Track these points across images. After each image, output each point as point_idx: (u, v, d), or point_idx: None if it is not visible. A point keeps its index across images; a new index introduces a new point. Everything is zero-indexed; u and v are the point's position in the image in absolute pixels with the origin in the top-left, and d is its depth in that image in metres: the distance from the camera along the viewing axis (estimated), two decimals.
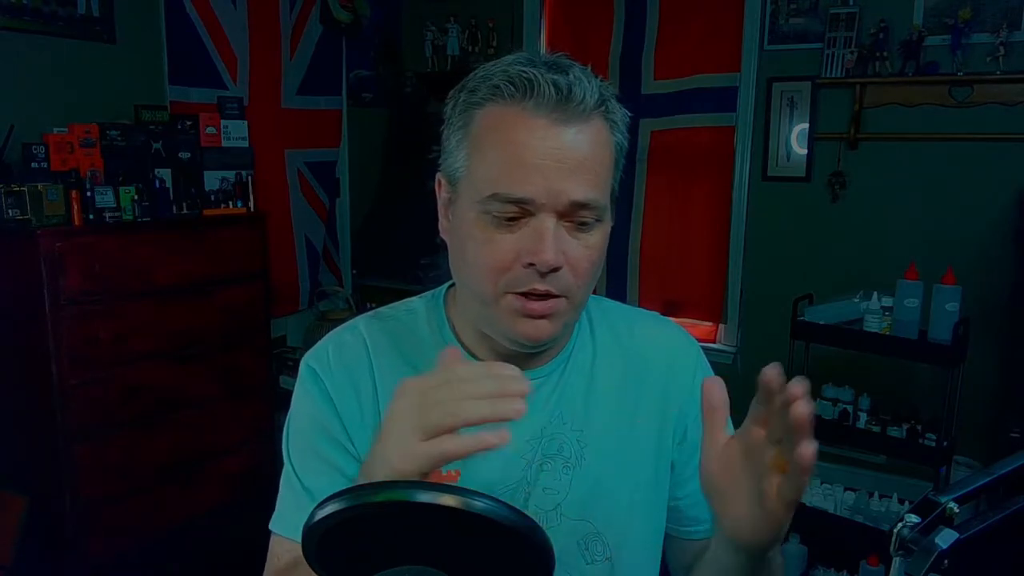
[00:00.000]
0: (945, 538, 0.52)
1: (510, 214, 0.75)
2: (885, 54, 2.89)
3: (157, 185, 2.70)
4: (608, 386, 0.91)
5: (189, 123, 2.88)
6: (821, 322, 2.48)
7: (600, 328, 0.94)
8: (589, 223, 0.77)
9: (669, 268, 3.54)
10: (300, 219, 3.81)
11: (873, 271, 2.84)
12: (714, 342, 3.48)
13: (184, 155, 2.84)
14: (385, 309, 0.94)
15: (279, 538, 0.85)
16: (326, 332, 0.93)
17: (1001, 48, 2.69)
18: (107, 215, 2.51)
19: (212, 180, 2.93)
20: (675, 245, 3.52)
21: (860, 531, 2.47)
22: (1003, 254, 2.76)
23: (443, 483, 0.58)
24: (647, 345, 0.94)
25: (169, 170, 2.79)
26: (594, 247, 0.79)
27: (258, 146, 3.18)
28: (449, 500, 0.48)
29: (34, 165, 2.40)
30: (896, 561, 0.54)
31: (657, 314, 1.01)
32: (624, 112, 0.81)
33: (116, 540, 2.57)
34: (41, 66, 2.68)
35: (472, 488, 0.81)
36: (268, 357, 3.14)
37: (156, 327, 2.63)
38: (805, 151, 3.15)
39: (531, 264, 0.75)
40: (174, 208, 2.74)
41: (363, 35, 3.98)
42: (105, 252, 2.48)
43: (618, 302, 1.00)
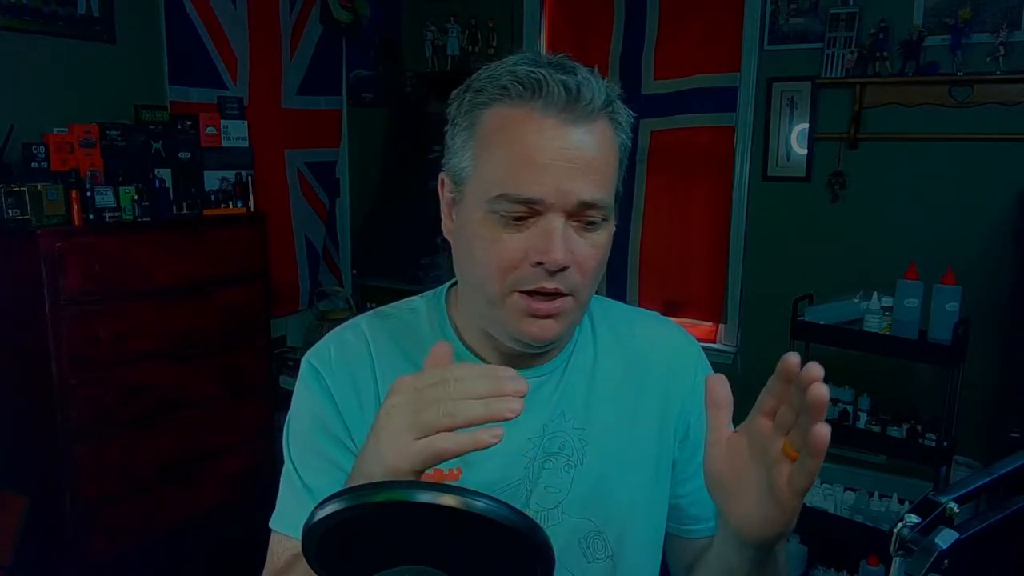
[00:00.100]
0: (945, 538, 0.52)
1: (518, 214, 0.75)
2: (885, 54, 2.89)
3: (157, 185, 2.70)
4: (609, 385, 0.91)
5: (189, 123, 2.88)
6: (821, 322, 2.48)
7: (601, 327, 0.94)
8: (596, 223, 0.78)
9: (669, 268, 3.54)
10: (300, 219, 3.81)
11: (873, 271, 2.84)
12: (714, 342, 3.48)
13: (184, 155, 2.84)
14: (387, 308, 0.94)
15: (279, 536, 0.85)
16: (326, 332, 0.93)
17: (1001, 48, 2.69)
18: (107, 215, 2.51)
19: (212, 180, 2.93)
20: (675, 245, 3.52)
21: (860, 531, 2.47)
22: (1003, 254, 2.76)
23: (443, 483, 0.58)
24: (648, 345, 0.95)
25: (169, 170, 2.79)
26: (600, 246, 0.79)
27: (258, 146, 3.18)
28: (449, 500, 0.48)
29: (34, 165, 2.40)
30: (896, 561, 0.54)
31: (658, 314, 1.02)
32: (629, 113, 0.81)
33: (116, 540, 2.57)
34: (41, 66, 2.68)
35: (474, 485, 0.81)
36: (268, 357, 3.14)
37: (156, 327, 2.63)
38: (805, 151, 3.15)
39: (539, 263, 0.75)
40: (174, 208, 2.74)
41: (363, 35, 3.98)
42: (105, 252, 2.48)
43: (619, 302, 1.01)
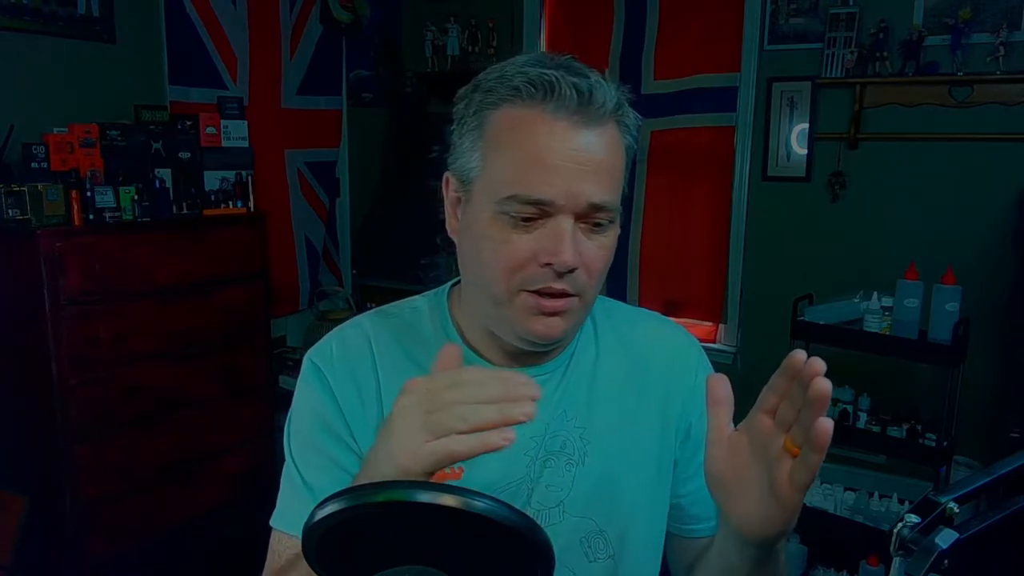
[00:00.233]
0: (945, 538, 0.52)
1: (528, 215, 0.76)
2: (885, 54, 2.89)
3: (157, 185, 2.70)
4: (611, 385, 0.91)
5: (189, 123, 2.88)
6: (821, 322, 2.48)
7: (603, 327, 0.94)
8: (603, 224, 0.78)
9: (669, 268, 3.54)
10: (300, 219, 3.81)
11: (873, 271, 2.84)
12: (714, 342, 3.48)
13: (184, 155, 2.84)
14: (389, 307, 0.94)
15: (280, 534, 0.85)
16: (326, 332, 0.92)
17: (1001, 48, 2.69)
18: (107, 215, 2.51)
19: (212, 180, 2.93)
20: (675, 245, 3.52)
21: (860, 531, 2.47)
22: (1003, 254, 2.76)
23: (443, 483, 0.58)
24: (649, 345, 0.95)
25: (169, 170, 2.79)
26: (607, 248, 0.80)
27: (258, 146, 3.18)
28: (449, 500, 0.48)
29: (34, 165, 2.40)
30: (896, 561, 0.54)
31: (659, 314, 1.02)
32: (636, 116, 0.82)
33: (116, 540, 2.57)
34: (41, 66, 2.68)
35: (476, 484, 0.81)
36: (268, 357, 3.14)
37: (156, 327, 2.63)
38: (805, 151, 3.15)
39: (548, 264, 0.76)
40: (174, 208, 2.74)
41: (363, 35, 3.98)
42: (105, 252, 2.48)
43: (620, 302, 1.01)
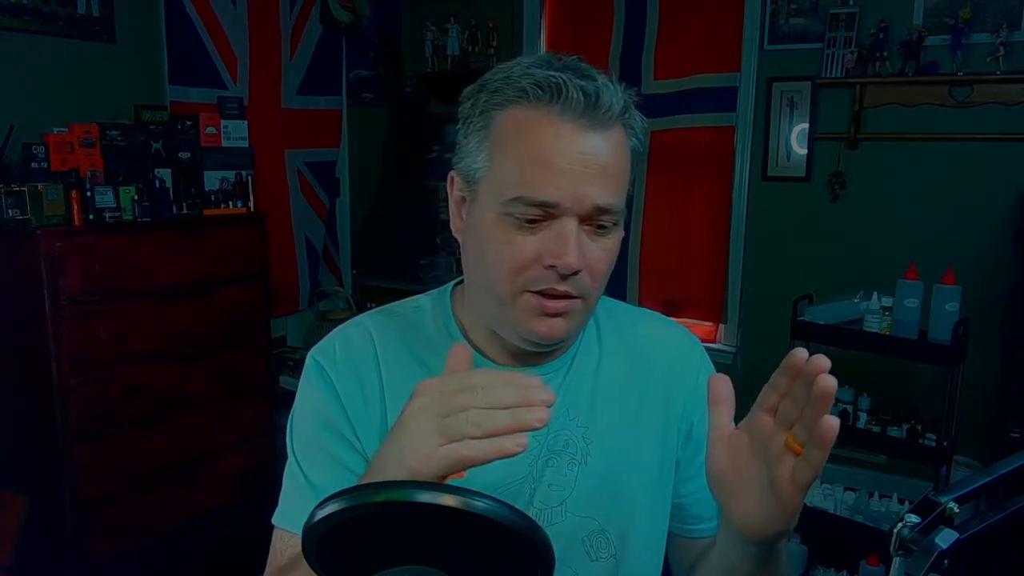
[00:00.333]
0: (945, 538, 0.52)
1: (533, 216, 0.76)
2: (885, 54, 2.89)
3: (157, 185, 2.70)
4: (613, 384, 0.91)
5: (189, 123, 2.88)
6: (821, 322, 2.48)
7: (606, 327, 0.95)
8: (608, 227, 0.79)
9: (669, 268, 3.54)
10: (300, 219, 3.81)
11: (873, 271, 2.84)
12: (714, 342, 3.48)
13: (184, 155, 2.84)
14: (392, 306, 0.94)
15: (282, 532, 0.85)
16: (326, 332, 0.92)
17: (1001, 48, 2.69)
18: (107, 215, 2.51)
19: (212, 180, 2.92)
20: (675, 245, 3.52)
21: (860, 531, 2.47)
22: (1003, 254, 2.76)
23: (443, 483, 0.58)
24: (651, 345, 0.95)
25: (169, 170, 2.79)
26: (611, 250, 0.80)
27: (258, 146, 3.18)
28: (449, 500, 0.48)
29: (34, 165, 2.39)
30: (896, 561, 0.54)
31: (661, 314, 1.02)
32: (643, 119, 0.82)
33: (116, 540, 2.57)
34: (41, 66, 2.68)
35: (478, 483, 0.81)
36: (268, 357, 3.14)
37: (156, 327, 2.63)
38: (805, 151, 3.15)
39: (552, 266, 0.76)
40: (174, 208, 2.74)
41: (363, 35, 3.98)
42: (105, 252, 2.47)
43: (622, 302, 1.01)
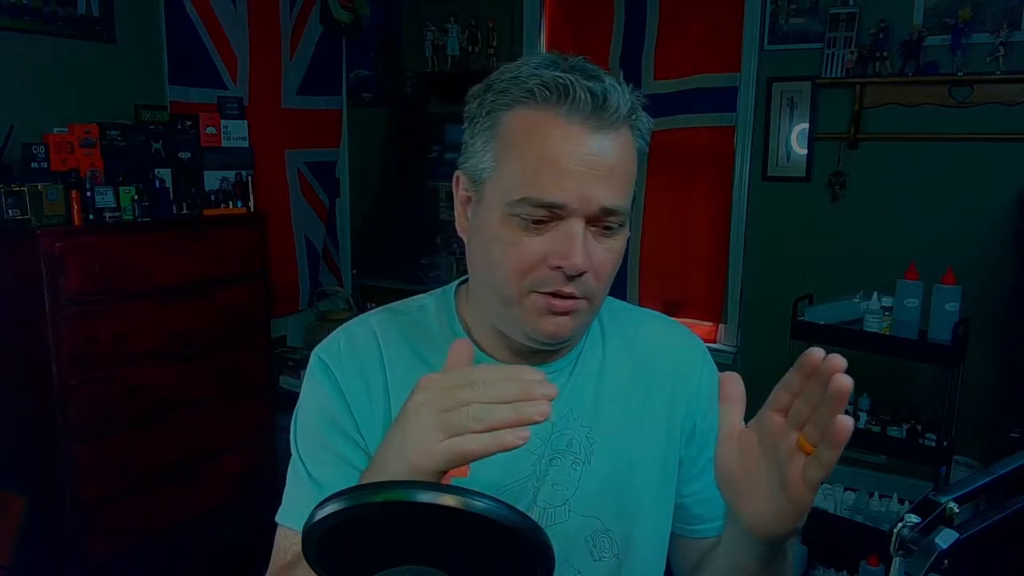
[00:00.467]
0: (945, 538, 0.52)
1: (539, 217, 0.76)
2: (885, 54, 2.89)
3: (157, 185, 2.70)
4: (617, 385, 0.91)
5: (189, 123, 2.88)
6: (821, 322, 2.48)
7: (609, 328, 0.95)
8: (614, 228, 0.79)
9: (669, 268, 3.54)
10: (300, 219, 3.81)
11: (873, 271, 2.84)
12: (714, 342, 3.48)
13: (184, 155, 2.84)
14: (396, 304, 0.94)
15: (285, 530, 0.85)
16: (326, 332, 0.93)
17: (1001, 48, 2.69)
18: (107, 215, 2.51)
19: (212, 180, 2.92)
20: (675, 245, 3.52)
21: (860, 531, 2.47)
22: (1003, 254, 2.76)
23: (443, 483, 0.58)
24: (654, 346, 0.95)
25: (169, 170, 2.79)
26: (617, 252, 0.80)
27: (258, 146, 3.17)
28: (449, 500, 0.48)
29: (34, 165, 2.39)
30: (896, 561, 0.54)
31: (663, 315, 1.02)
32: (648, 120, 0.82)
33: (116, 540, 2.57)
34: (41, 66, 2.68)
35: (482, 482, 0.82)
36: (268, 357, 3.14)
37: (156, 327, 2.63)
38: (805, 151, 3.15)
39: (559, 267, 0.76)
40: (174, 208, 2.73)
41: (363, 35, 3.98)
42: (105, 252, 2.47)
43: (625, 302, 1.01)
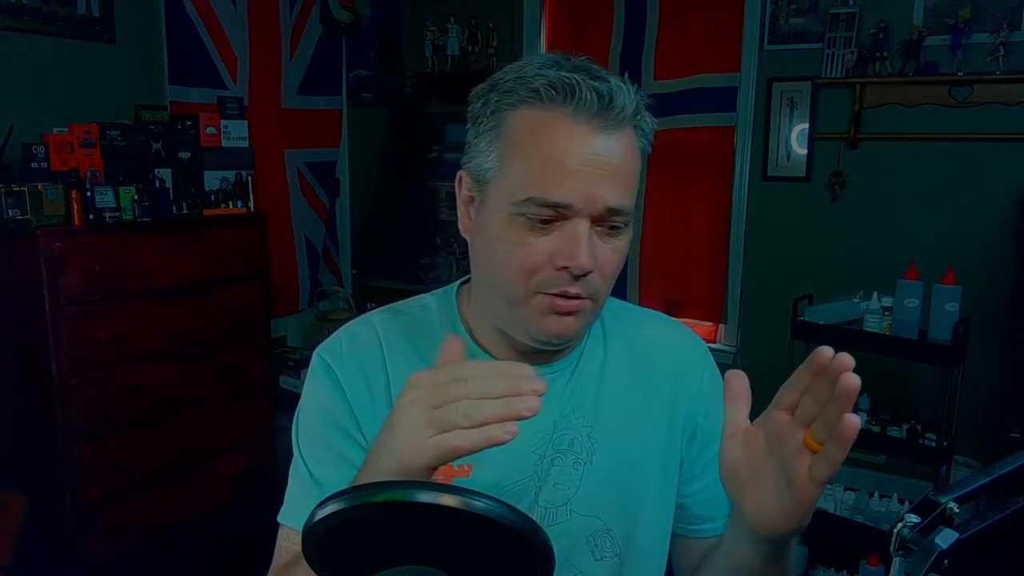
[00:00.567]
0: (945, 538, 0.52)
1: (545, 217, 0.76)
2: (885, 54, 2.89)
3: (157, 185, 2.70)
4: (618, 384, 0.91)
5: (189, 123, 2.88)
6: (821, 322, 2.48)
7: (611, 328, 0.95)
8: (619, 228, 0.79)
9: (669, 268, 3.54)
10: (300, 219, 3.81)
11: (873, 271, 2.84)
12: (714, 342, 3.48)
13: (184, 155, 2.84)
14: (397, 304, 0.94)
15: (287, 530, 0.85)
16: (326, 332, 0.93)
17: (1001, 48, 2.69)
18: (107, 215, 2.51)
19: (212, 180, 2.92)
20: (675, 245, 3.52)
21: (860, 531, 2.47)
22: (1003, 254, 2.76)
23: (443, 483, 0.58)
24: (656, 345, 0.95)
25: (169, 170, 2.78)
26: (621, 251, 0.81)
27: (258, 146, 3.17)
28: (449, 500, 0.48)
29: (34, 165, 2.39)
30: (896, 561, 0.54)
31: (665, 315, 1.02)
32: (652, 120, 0.82)
33: (116, 540, 2.57)
34: (41, 66, 2.68)
35: (484, 482, 0.82)
36: (268, 357, 3.14)
37: (156, 327, 2.63)
38: (805, 151, 3.15)
39: (564, 267, 0.76)
40: (174, 208, 2.73)
41: (363, 35, 3.98)
42: (105, 252, 2.47)
43: (626, 302, 1.01)
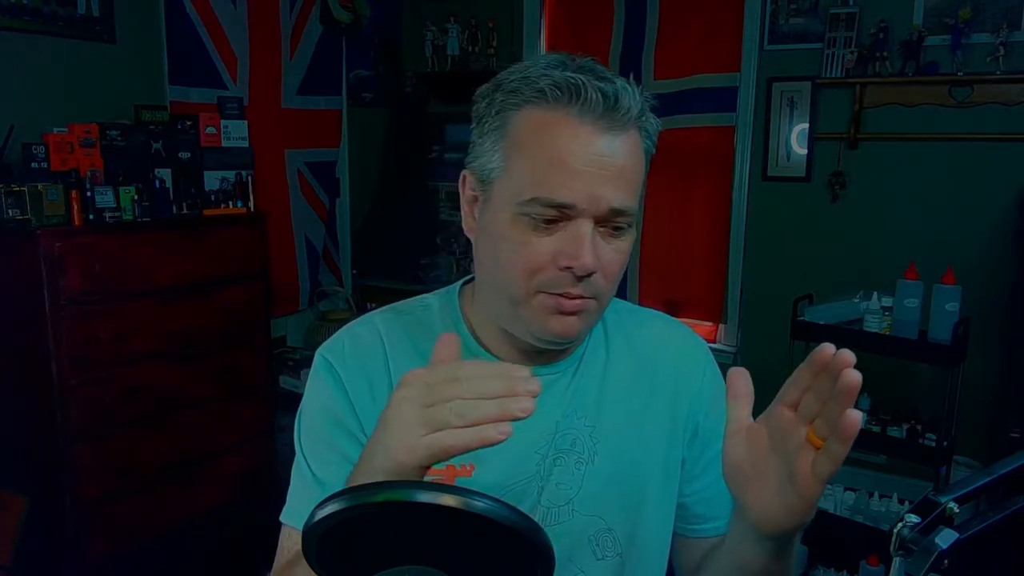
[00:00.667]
0: (945, 538, 0.52)
1: (549, 217, 0.76)
2: (885, 54, 2.89)
3: (157, 185, 2.70)
4: (620, 385, 0.91)
5: (189, 123, 2.88)
6: (821, 322, 2.48)
7: (613, 328, 0.95)
8: (623, 228, 0.79)
9: (669, 268, 3.54)
10: (300, 219, 3.81)
11: (873, 271, 2.84)
12: (714, 342, 3.48)
13: (184, 155, 2.84)
14: (399, 304, 0.94)
15: (289, 529, 0.85)
16: (326, 332, 0.93)
17: (1001, 48, 2.69)
18: (107, 215, 2.51)
19: (212, 180, 2.92)
20: (675, 245, 3.52)
21: (860, 531, 2.47)
22: (1003, 254, 2.76)
23: (443, 483, 0.58)
24: (657, 346, 0.96)
25: (169, 170, 2.78)
26: (625, 252, 0.81)
27: (258, 146, 3.17)
28: (449, 500, 0.48)
29: (34, 165, 2.39)
30: (896, 561, 0.54)
31: (666, 315, 1.03)
32: (657, 122, 0.82)
33: (116, 540, 2.57)
34: (41, 66, 2.68)
35: (486, 481, 0.82)
36: (268, 357, 3.14)
37: (156, 327, 2.63)
38: (805, 151, 3.15)
39: (568, 267, 0.76)
40: (174, 208, 2.73)
41: (363, 35, 3.98)
42: (105, 252, 2.47)
43: (628, 303, 1.01)
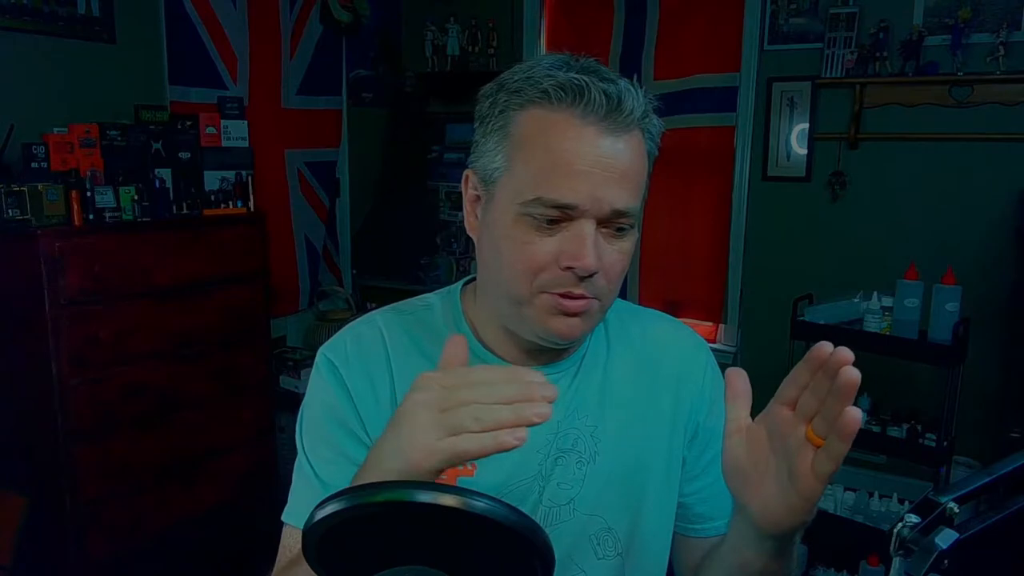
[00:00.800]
0: (945, 538, 0.52)
1: (551, 217, 0.76)
2: (885, 54, 2.90)
3: (157, 185, 2.70)
4: (622, 384, 0.92)
5: (189, 123, 2.88)
6: (821, 322, 2.48)
7: (614, 328, 0.95)
8: (625, 229, 0.79)
9: (669, 268, 3.54)
10: (300, 219, 3.80)
11: (873, 271, 2.84)
12: (714, 342, 3.48)
13: (184, 155, 2.84)
14: (401, 304, 0.95)
15: (290, 529, 0.85)
16: (326, 332, 0.93)
17: (1001, 48, 2.69)
18: (107, 215, 2.51)
19: (212, 180, 2.92)
20: (675, 245, 3.52)
21: (860, 531, 2.47)
22: (1003, 254, 2.76)
23: (443, 483, 0.59)
24: (659, 346, 0.96)
25: (169, 170, 2.78)
26: (626, 253, 0.81)
27: (258, 146, 3.17)
28: (449, 500, 0.48)
29: (34, 165, 2.39)
30: (896, 561, 0.54)
31: (668, 315, 1.03)
32: (660, 123, 0.82)
33: (116, 540, 2.57)
34: (41, 66, 2.68)
35: (488, 481, 0.82)
36: (268, 357, 3.14)
37: (156, 327, 2.63)
38: (805, 151, 3.15)
39: (570, 268, 0.76)
40: (174, 208, 2.73)
41: (363, 35, 3.98)
42: (105, 252, 2.47)
43: (629, 303, 1.02)
